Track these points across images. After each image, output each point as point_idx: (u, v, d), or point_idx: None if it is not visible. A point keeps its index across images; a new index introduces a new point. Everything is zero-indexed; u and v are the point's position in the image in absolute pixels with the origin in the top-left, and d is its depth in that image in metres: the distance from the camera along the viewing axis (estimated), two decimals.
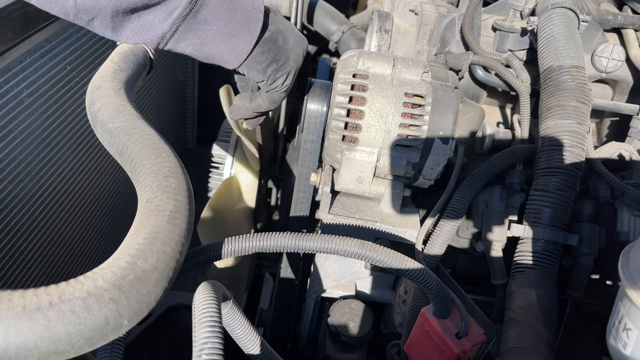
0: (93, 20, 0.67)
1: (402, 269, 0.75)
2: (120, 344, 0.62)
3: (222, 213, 1.47)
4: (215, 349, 0.54)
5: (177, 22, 0.70)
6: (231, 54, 0.78)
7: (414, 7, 1.34)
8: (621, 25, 1.21)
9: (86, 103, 0.82)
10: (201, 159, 1.89)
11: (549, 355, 0.80)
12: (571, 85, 0.98)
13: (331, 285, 1.09)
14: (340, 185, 0.99)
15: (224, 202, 1.50)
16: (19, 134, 1.08)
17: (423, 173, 0.98)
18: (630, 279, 0.63)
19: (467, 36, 1.17)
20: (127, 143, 0.74)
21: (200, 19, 0.72)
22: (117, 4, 0.65)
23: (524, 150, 1.06)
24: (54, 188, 1.25)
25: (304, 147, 1.06)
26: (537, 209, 0.95)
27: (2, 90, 1.02)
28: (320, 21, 1.72)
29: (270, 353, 0.77)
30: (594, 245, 0.98)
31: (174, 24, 0.70)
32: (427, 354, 0.85)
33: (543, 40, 1.05)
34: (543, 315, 0.85)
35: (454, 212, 0.97)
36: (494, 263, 1.00)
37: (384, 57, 0.97)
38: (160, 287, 0.55)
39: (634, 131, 1.13)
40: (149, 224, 0.58)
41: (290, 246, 0.73)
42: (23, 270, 1.17)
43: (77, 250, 1.40)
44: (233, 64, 0.79)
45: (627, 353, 0.63)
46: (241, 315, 0.72)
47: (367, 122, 0.93)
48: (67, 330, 0.45)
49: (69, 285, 0.48)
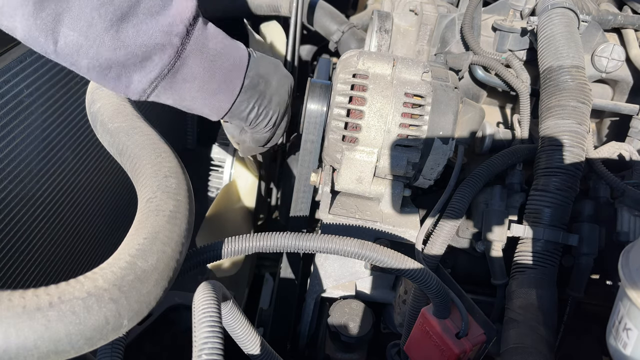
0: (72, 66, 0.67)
1: (402, 269, 0.75)
2: (120, 344, 0.62)
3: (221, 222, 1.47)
4: (215, 349, 0.54)
5: (156, 81, 0.71)
6: (211, 110, 0.79)
7: (414, 7, 1.34)
8: (621, 25, 1.21)
9: (86, 103, 0.82)
10: (201, 159, 1.89)
11: (549, 355, 0.80)
12: (571, 85, 0.98)
13: (331, 285, 1.09)
14: (340, 185, 0.99)
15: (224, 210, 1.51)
16: (19, 134, 1.08)
17: (423, 173, 0.98)
18: (630, 279, 0.63)
19: (467, 36, 1.17)
20: (127, 143, 0.74)
21: (179, 79, 0.72)
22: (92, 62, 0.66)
23: (524, 150, 1.06)
24: (54, 188, 1.25)
25: (304, 147, 1.06)
26: (537, 209, 0.95)
27: (2, 90, 1.02)
28: (320, 21, 1.72)
29: (270, 353, 0.77)
30: (594, 245, 0.98)
31: (152, 82, 0.70)
32: (427, 354, 0.85)
33: (543, 40, 1.05)
34: (543, 315, 0.85)
35: (454, 212, 0.97)
36: (494, 263, 1.00)
37: (384, 57, 0.97)
38: (160, 287, 0.55)
39: (634, 131, 1.13)
40: (149, 224, 0.58)
41: (290, 246, 0.73)
42: (23, 270, 1.17)
43: (77, 250, 1.40)
44: (213, 118, 0.80)
45: (627, 353, 0.63)
46: (241, 315, 0.72)
47: (367, 122, 0.93)
48: (67, 330, 0.45)
49: (69, 285, 0.48)
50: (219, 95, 0.77)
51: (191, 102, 0.77)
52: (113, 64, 0.67)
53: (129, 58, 0.67)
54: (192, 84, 0.74)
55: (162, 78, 0.71)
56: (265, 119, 0.84)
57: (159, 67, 0.69)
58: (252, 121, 0.83)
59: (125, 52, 0.66)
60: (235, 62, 0.77)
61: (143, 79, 0.70)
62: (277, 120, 0.86)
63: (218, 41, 0.75)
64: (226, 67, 0.76)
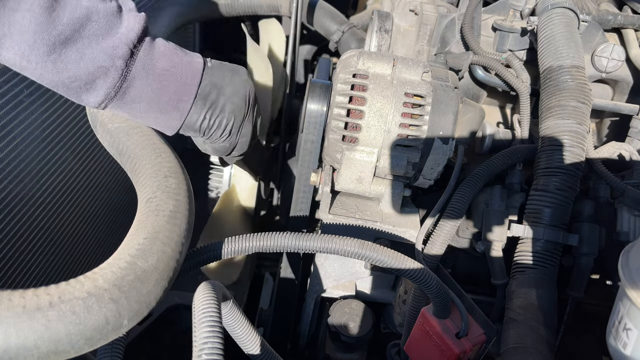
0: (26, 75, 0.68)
1: (402, 269, 0.75)
2: (120, 344, 0.63)
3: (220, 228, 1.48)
4: (215, 349, 0.54)
5: (106, 101, 0.71)
6: (163, 127, 0.78)
7: (414, 7, 1.34)
8: (621, 25, 1.21)
9: None
10: (201, 159, 1.89)
11: (549, 355, 0.80)
12: (571, 85, 0.98)
13: (331, 285, 1.09)
14: (340, 185, 0.99)
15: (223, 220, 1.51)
16: (19, 134, 1.08)
17: (423, 173, 0.98)
18: (630, 279, 0.63)
19: (467, 36, 1.17)
20: (127, 143, 0.74)
21: (127, 99, 0.72)
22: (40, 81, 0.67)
23: (524, 150, 1.06)
24: (54, 188, 1.25)
25: (304, 147, 1.06)
26: (537, 209, 0.95)
27: (2, 90, 1.01)
28: (320, 21, 1.72)
29: (270, 353, 0.77)
30: (594, 245, 0.98)
31: (102, 102, 0.71)
32: (427, 354, 0.85)
33: (543, 40, 1.05)
34: (543, 315, 0.85)
35: (454, 212, 0.97)
36: (494, 263, 1.00)
37: (384, 57, 0.97)
38: (160, 287, 0.55)
39: (634, 131, 1.13)
40: (149, 224, 0.58)
41: (290, 246, 0.73)
42: (23, 270, 1.17)
43: (77, 250, 1.40)
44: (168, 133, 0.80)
45: (627, 353, 0.63)
46: (241, 315, 0.72)
47: (367, 122, 0.93)
48: (67, 330, 0.45)
49: (69, 285, 0.48)
50: (170, 113, 0.76)
51: (144, 120, 0.77)
52: (58, 85, 0.67)
53: (73, 81, 0.67)
54: (140, 104, 0.73)
55: (110, 99, 0.71)
56: (219, 128, 0.81)
57: (104, 90, 0.69)
58: (205, 131, 0.81)
59: (68, 76, 0.66)
60: (186, 79, 0.76)
61: (91, 99, 0.70)
62: (232, 129, 0.83)
63: (167, 59, 0.74)
64: (175, 86, 0.75)
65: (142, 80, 0.71)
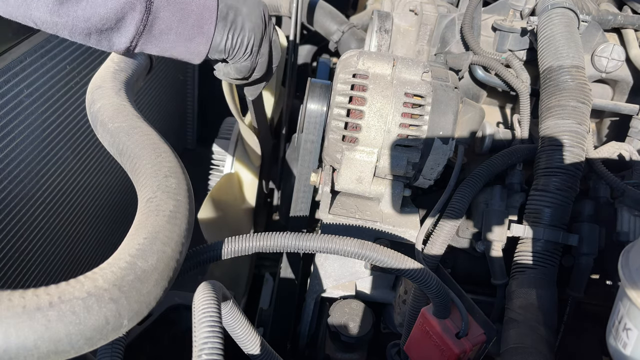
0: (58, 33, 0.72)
1: (402, 269, 0.75)
2: (120, 344, 0.62)
3: (223, 205, 1.47)
4: (215, 349, 0.54)
5: (135, 39, 0.75)
6: (192, 54, 0.83)
7: (414, 7, 1.34)
8: (621, 25, 1.21)
9: (86, 103, 0.82)
10: (201, 159, 1.89)
11: (549, 355, 0.80)
12: (571, 85, 0.98)
13: (331, 285, 1.09)
14: (340, 185, 0.99)
15: (225, 195, 1.50)
16: (19, 134, 1.09)
17: (423, 173, 0.98)
18: (630, 279, 0.63)
19: (467, 36, 1.17)
20: (127, 143, 0.74)
21: (155, 32, 0.76)
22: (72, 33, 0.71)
23: (524, 150, 1.06)
24: (54, 188, 1.25)
25: (304, 147, 1.06)
26: (537, 209, 0.95)
27: (2, 90, 1.02)
28: (320, 21, 1.72)
29: (270, 353, 0.77)
30: (594, 245, 0.98)
31: (132, 40, 0.75)
32: (427, 354, 0.85)
33: (543, 40, 1.05)
34: (543, 315, 0.85)
35: (454, 212, 0.97)
36: (494, 263, 1.00)
37: (384, 57, 0.97)
38: (160, 287, 0.55)
39: (634, 131, 1.13)
40: (149, 224, 0.58)
41: (290, 246, 0.73)
42: (23, 270, 1.17)
43: (77, 250, 1.40)
44: (197, 61, 0.84)
45: (627, 353, 0.63)
46: (241, 315, 0.72)
47: (367, 122, 0.93)
48: (67, 330, 0.45)
49: (69, 285, 0.48)
50: (196, 39, 0.80)
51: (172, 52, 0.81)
52: (91, 31, 0.71)
53: (104, 23, 0.71)
54: (169, 35, 0.77)
55: (139, 35, 0.75)
56: (242, 47, 0.86)
57: (133, 25, 0.73)
58: (229, 51, 0.85)
59: (98, 19, 0.70)
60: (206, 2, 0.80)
61: (122, 39, 0.74)
62: (252, 47, 0.87)
63: None
64: (197, 11, 0.79)
65: (166, 10, 0.76)
